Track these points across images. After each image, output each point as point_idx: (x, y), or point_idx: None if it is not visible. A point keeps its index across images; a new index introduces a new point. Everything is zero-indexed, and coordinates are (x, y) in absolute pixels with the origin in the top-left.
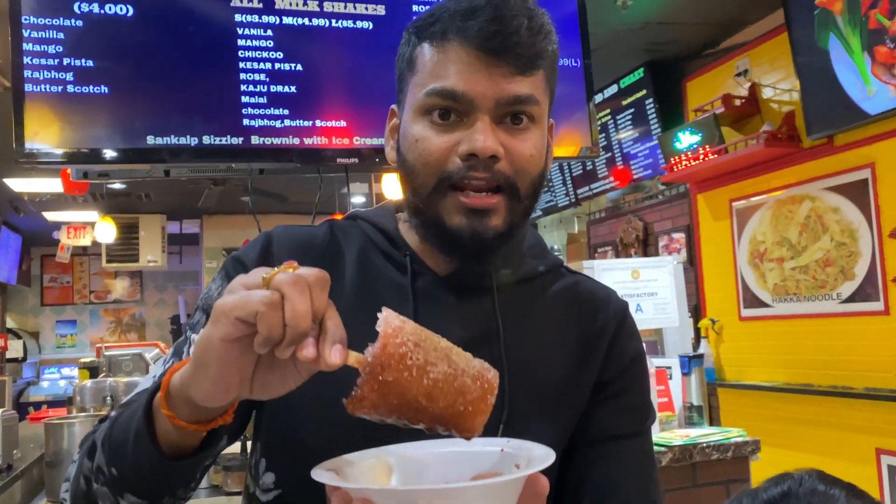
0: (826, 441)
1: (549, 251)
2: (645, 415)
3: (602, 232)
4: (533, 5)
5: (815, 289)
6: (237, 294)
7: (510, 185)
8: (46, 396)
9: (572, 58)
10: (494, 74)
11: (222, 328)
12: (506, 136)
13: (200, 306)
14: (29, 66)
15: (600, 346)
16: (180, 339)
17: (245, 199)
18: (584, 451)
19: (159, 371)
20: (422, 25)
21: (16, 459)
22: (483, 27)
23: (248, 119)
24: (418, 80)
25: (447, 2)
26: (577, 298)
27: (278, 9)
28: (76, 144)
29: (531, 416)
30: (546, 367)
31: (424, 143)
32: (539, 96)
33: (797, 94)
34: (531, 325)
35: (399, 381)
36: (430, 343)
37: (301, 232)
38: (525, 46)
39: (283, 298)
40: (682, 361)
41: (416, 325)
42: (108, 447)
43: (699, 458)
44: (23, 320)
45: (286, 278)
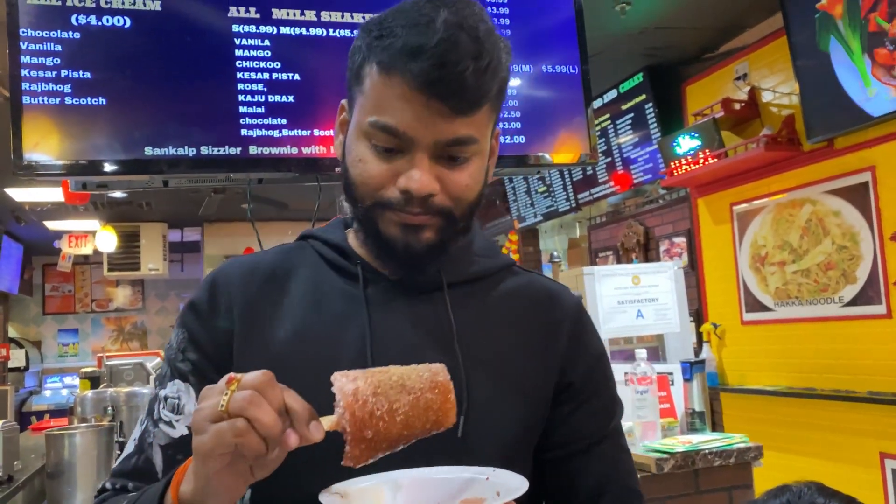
0: (830, 445)
1: (500, 252)
2: (616, 411)
3: (603, 237)
4: (485, 37)
5: (817, 292)
6: (209, 433)
7: (446, 213)
8: (49, 406)
9: (570, 64)
10: (434, 115)
11: (213, 464)
12: (443, 170)
13: (166, 359)
14: (27, 79)
15: (560, 338)
16: (151, 398)
17: (246, 206)
18: (567, 457)
19: (138, 433)
20: (372, 42)
21: (17, 470)
22: (428, 71)
23: (247, 129)
24: (365, 103)
25: (398, 23)
26: (531, 293)
27: (276, 19)
28: (74, 156)
29: (494, 403)
30: (504, 356)
31: (365, 165)
32: (479, 133)
33: (797, 98)
34: (485, 319)
35: (378, 431)
36: (385, 384)
37: (245, 261)
38: (469, 90)
39: (250, 421)
40: (683, 367)
41: (365, 375)
42: None
43: (701, 465)
44: (25, 329)
45: (241, 403)
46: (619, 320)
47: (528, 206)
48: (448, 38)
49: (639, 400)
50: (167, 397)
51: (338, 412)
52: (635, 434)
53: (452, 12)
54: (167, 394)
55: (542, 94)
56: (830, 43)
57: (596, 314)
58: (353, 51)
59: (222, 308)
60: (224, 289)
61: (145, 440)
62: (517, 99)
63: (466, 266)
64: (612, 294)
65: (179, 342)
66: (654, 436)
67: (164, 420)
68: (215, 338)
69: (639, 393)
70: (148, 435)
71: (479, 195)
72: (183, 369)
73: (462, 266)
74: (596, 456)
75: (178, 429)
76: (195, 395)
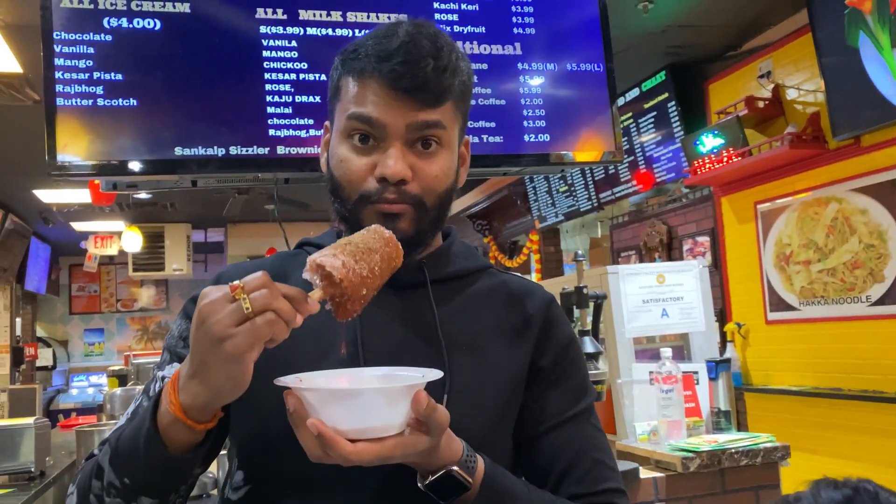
0: (857, 446)
1: (478, 255)
2: (587, 394)
3: (625, 236)
4: (443, 43)
5: (844, 291)
6: (242, 333)
7: (418, 201)
8: (76, 404)
9: (595, 62)
10: (405, 108)
11: (246, 362)
12: (415, 158)
13: (166, 346)
14: (60, 81)
15: (532, 330)
16: (150, 379)
17: (268, 207)
18: (540, 435)
19: (132, 408)
20: (346, 59)
21: (48, 466)
22: (395, 69)
23: (274, 129)
24: (342, 107)
25: (368, 38)
26: (506, 291)
27: (302, 20)
28: (106, 156)
29: (474, 385)
30: (482, 344)
31: (347, 163)
32: (447, 122)
33: (822, 95)
34: (464, 312)
35: (368, 287)
36: (358, 252)
37: (247, 265)
38: (431, 85)
39: (276, 312)
40: (709, 366)
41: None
42: (118, 463)
43: (727, 464)
44: (52, 329)
45: (263, 300)
46: (644, 319)
47: (549, 205)
48: (410, 41)
49: (664, 399)
50: (164, 377)
51: (320, 285)
52: (660, 433)
53: (413, 24)
54: (164, 374)
55: (567, 92)
56: (860, 38)
57: (620, 313)
58: (332, 72)
59: None
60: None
61: (137, 413)
62: (542, 97)
63: (446, 266)
64: (636, 293)
65: (181, 331)
66: (680, 435)
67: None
68: None
69: (664, 392)
70: (141, 409)
71: (448, 190)
72: (183, 354)
73: (442, 265)
74: (567, 432)
75: None
76: None
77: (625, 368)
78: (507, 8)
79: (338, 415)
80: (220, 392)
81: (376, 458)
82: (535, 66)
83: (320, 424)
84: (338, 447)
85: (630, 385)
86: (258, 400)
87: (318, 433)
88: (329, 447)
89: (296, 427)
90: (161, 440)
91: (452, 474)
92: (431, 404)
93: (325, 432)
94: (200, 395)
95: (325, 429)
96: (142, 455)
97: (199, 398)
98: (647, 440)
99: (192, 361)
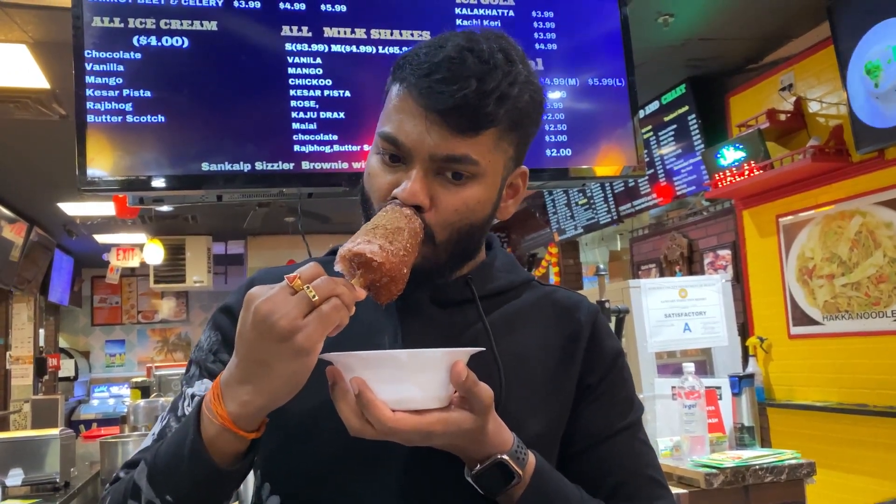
0: (884, 464)
1: (520, 268)
2: (634, 408)
3: (645, 249)
4: (498, 64)
5: (869, 306)
6: (311, 323)
7: (427, 234)
8: (97, 415)
9: (616, 76)
10: (433, 131)
11: (314, 355)
12: (440, 188)
13: (194, 360)
14: (91, 98)
15: (580, 345)
16: (177, 396)
17: (289, 219)
18: (588, 449)
19: (158, 428)
20: (396, 66)
21: (73, 477)
22: (433, 86)
23: (299, 145)
24: (381, 117)
25: (421, 48)
26: (552, 304)
27: (327, 37)
28: (134, 172)
29: (524, 399)
30: (531, 358)
31: (374, 178)
32: (481, 156)
33: (844, 108)
34: (512, 328)
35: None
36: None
37: (280, 271)
38: (468, 109)
39: (340, 297)
40: (732, 381)
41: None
42: (158, 479)
43: (752, 481)
44: (74, 340)
45: (327, 288)
46: (666, 334)
47: (568, 218)
48: (455, 56)
49: (687, 414)
50: (194, 395)
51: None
52: (683, 448)
53: (467, 37)
54: (195, 391)
55: (589, 106)
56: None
57: (643, 327)
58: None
59: None
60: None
61: (165, 434)
62: (563, 112)
63: (490, 281)
64: (658, 307)
65: (211, 344)
66: (703, 450)
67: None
68: None
69: (686, 407)
70: (169, 430)
71: (473, 225)
72: (214, 370)
73: (486, 280)
74: (616, 447)
75: None
76: None
77: (647, 383)
78: (529, 24)
79: (376, 380)
80: (277, 394)
81: (416, 432)
82: (557, 81)
83: (362, 383)
84: (376, 410)
85: (652, 400)
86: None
87: (358, 391)
88: (368, 409)
89: (337, 401)
90: (208, 453)
91: (503, 462)
92: (472, 377)
93: (365, 392)
94: (254, 402)
95: (365, 388)
96: (186, 470)
97: (250, 405)
98: (670, 456)
99: (243, 366)
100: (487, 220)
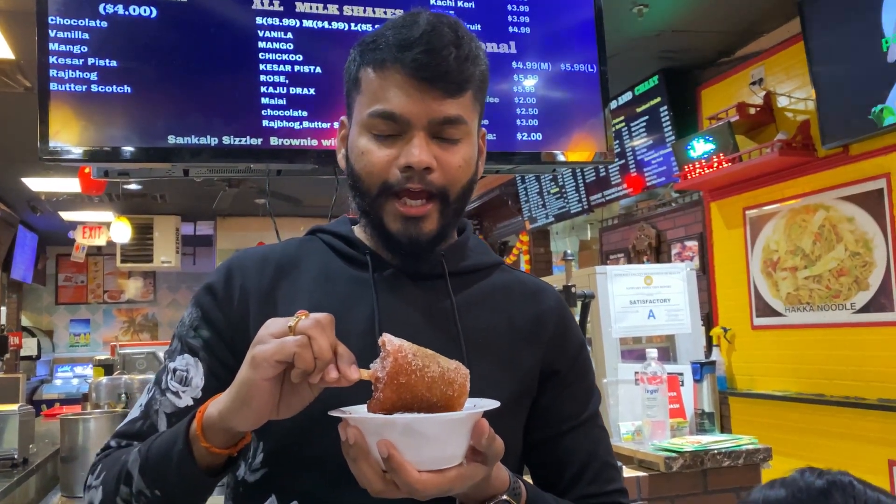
0: (838, 452)
1: (491, 251)
2: (595, 395)
3: (614, 239)
4: (463, 33)
5: (829, 298)
6: (271, 343)
7: (442, 192)
8: (59, 394)
9: (588, 64)
10: (427, 98)
11: (263, 371)
12: (438, 149)
13: (177, 335)
14: (54, 66)
15: (546, 329)
16: (159, 369)
17: (259, 201)
18: (555, 437)
19: (144, 399)
20: (365, 50)
21: (31, 454)
22: (417, 58)
23: (268, 120)
24: (363, 100)
25: (387, 28)
26: (519, 287)
27: (299, 12)
28: (98, 143)
29: (489, 377)
30: (496, 337)
31: (369, 155)
32: (467, 115)
33: (812, 103)
34: (479, 304)
35: (409, 381)
36: (422, 352)
37: (257, 252)
38: (453, 74)
39: (310, 339)
40: (693, 368)
41: (409, 342)
42: (149, 474)
43: (710, 465)
44: (37, 318)
45: (308, 323)
46: (631, 320)
47: (539, 206)
48: (431, 30)
49: (649, 399)
50: (176, 369)
51: (373, 366)
52: (644, 433)
53: (432, 15)
54: (176, 366)
55: (560, 93)
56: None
57: (608, 313)
58: (348, 65)
59: (237, 293)
60: (239, 276)
61: (151, 407)
62: (535, 97)
63: (462, 259)
64: (624, 294)
65: (193, 320)
66: (664, 435)
67: (171, 390)
68: (230, 319)
69: (649, 392)
70: (154, 402)
71: (471, 181)
72: (194, 345)
73: (459, 258)
74: (581, 435)
75: (184, 399)
76: (203, 370)
77: (610, 368)
78: (504, 6)
79: (401, 445)
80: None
81: (438, 490)
82: (530, 66)
83: (390, 446)
84: (406, 474)
85: (615, 385)
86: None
87: (388, 455)
88: (397, 473)
89: (354, 460)
90: (194, 460)
91: (505, 501)
92: (492, 434)
93: (395, 456)
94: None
95: (395, 451)
96: (174, 472)
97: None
98: (631, 440)
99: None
100: (475, 178)
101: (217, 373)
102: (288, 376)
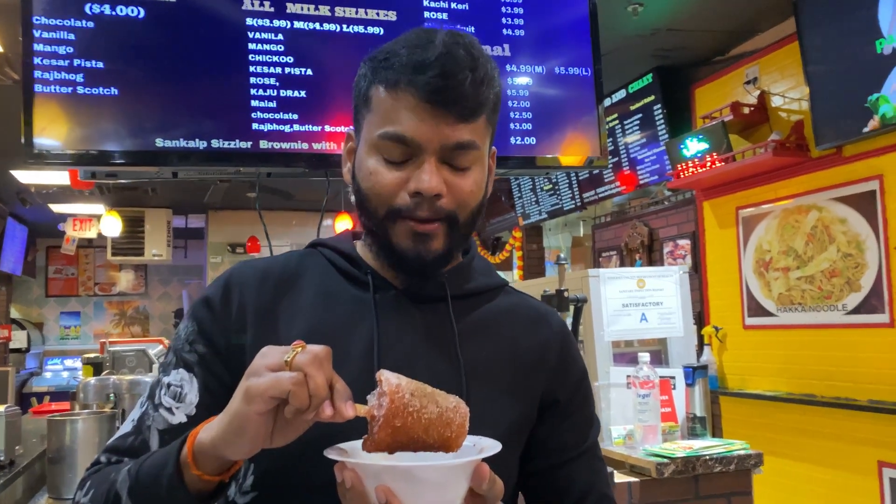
0: (828, 452)
1: (496, 273)
2: (595, 425)
3: (607, 236)
4: (478, 54)
5: (821, 299)
6: (266, 377)
7: (451, 217)
8: (49, 387)
9: (582, 65)
10: (440, 123)
11: (257, 405)
12: (449, 174)
13: (172, 348)
14: (39, 67)
15: (549, 355)
16: (153, 382)
17: (251, 195)
18: (554, 467)
19: (137, 414)
20: (377, 67)
21: (18, 455)
22: (431, 81)
23: (258, 123)
24: (373, 119)
25: (400, 46)
26: (522, 312)
27: (290, 13)
28: (85, 146)
29: (488, 404)
30: (497, 364)
31: (377, 176)
32: (479, 139)
33: (806, 103)
34: (482, 330)
35: (405, 424)
36: (420, 391)
37: (258, 265)
38: (468, 98)
39: (307, 377)
40: (686, 372)
41: (407, 379)
42: (137, 497)
43: (702, 471)
44: (27, 311)
45: (305, 359)
46: (623, 323)
47: (532, 203)
48: (447, 52)
49: (640, 404)
50: (170, 384)
51: (371, 402)
52: (636, 437)
53: (448, 34)
54: (170, 381)
55: (554, 95)
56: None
57: (600, 316)
58: (358, 79)
59: (235, 308)
60: (237, 290)
61: (144, 422)
62: (528, 100)
63: (466, 282)
64: (616, 297)
65: (188, 334)
66: (655, 440)
67: (164, 406)
68: (227, 334)
69: (640, 397)
70: (147, 418)
71: (480, 205)
72: (189, 360)
73: (463, 281)
74: (580, 466)
75: (177, 416)
76: (198, 386)
77: (602, 372)
78: (498, 8)
79: (400, 491)
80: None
81: None
82: (524, 69)
83: (389, 492)
84: None
85: (607, 388)
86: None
87: (386, 502)
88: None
89: (349, 502)
90: (185, 486)
91: None
92: (492, 477)
93: (393, 502)
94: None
95: (395, 499)
96: (164, 497)
97: (202, 443)
98: (623, 444)
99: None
100: (485, 201)
101: (212, 388)
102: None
